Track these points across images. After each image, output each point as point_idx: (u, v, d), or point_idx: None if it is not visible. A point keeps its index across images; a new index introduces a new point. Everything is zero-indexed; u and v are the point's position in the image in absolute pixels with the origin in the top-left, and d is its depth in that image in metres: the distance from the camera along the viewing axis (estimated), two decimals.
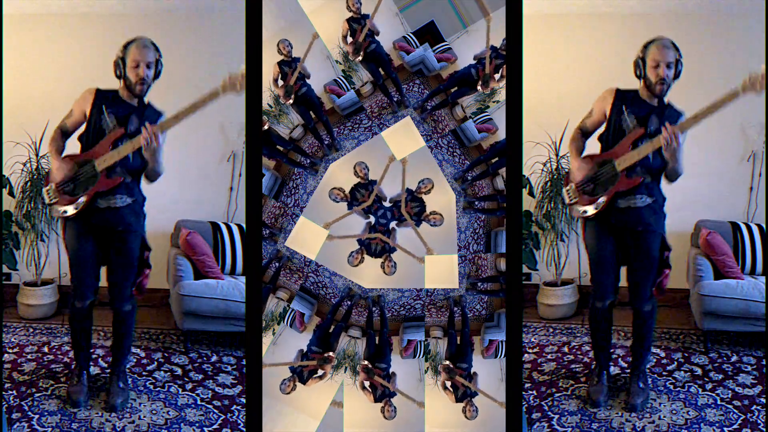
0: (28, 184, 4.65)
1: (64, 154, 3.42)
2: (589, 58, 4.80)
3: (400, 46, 3.13)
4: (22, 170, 4.67)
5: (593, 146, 3.49)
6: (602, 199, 3.36)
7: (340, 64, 3.14)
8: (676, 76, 3.33)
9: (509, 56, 2.96)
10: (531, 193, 4.80)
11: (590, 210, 3.38)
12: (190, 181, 4.80)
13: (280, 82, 3.13)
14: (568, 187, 3.46)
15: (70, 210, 3.35)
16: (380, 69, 3.15)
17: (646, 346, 3.53)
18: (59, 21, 4.83)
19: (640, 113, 3.35)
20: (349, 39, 3.14)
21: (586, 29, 4.85)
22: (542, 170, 4.75)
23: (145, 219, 3.49)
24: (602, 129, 3.46)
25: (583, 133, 3.53)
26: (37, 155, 4.65)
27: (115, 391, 3.46)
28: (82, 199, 3.34)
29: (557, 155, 4.70)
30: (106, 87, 3.41)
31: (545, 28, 4.79)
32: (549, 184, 4.71)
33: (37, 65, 4.79)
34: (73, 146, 3.45)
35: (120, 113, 3.37)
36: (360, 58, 3.14)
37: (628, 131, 3.34)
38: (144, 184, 3.47)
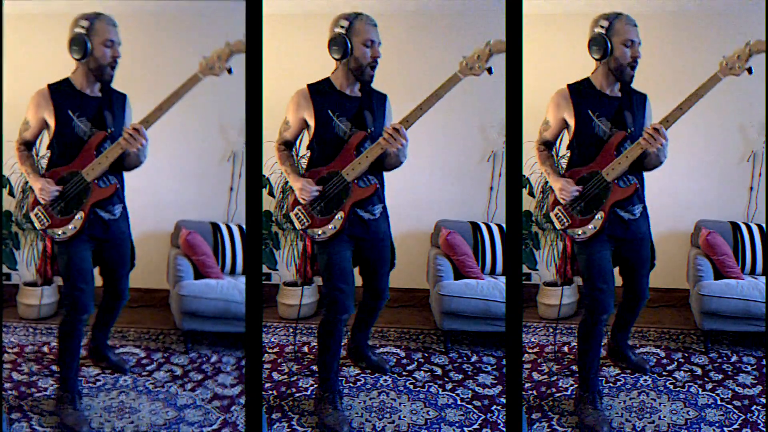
0: (29, 184, 4.64)
1: (43, 171, 3.17)
2: (589, 58, 4.79)
3: None
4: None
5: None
6: (600, 215, 3.14)
7: None
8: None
9: (509, 56, 2.96)
10: (531, 193, 4.80)
11: (589, 231, 3.15)
12: (190, 181, 4.80)
13: None
14: (555, 211, 3.22)
15: (69, 230, 3.11)
16: None
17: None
18: (60, 21, 4.82)
19: (609, 114, 3.08)
20: None
21: (586, 29, 4.84)
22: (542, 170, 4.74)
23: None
24: (568, 137, 3.21)
25: (548, 147, 3.33)
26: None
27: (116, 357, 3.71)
28: (80, 216, 3.12)
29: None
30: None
31: (545, 28, 4.78)
32: (549, 184, 4.70)
33: (37, 65, 4.78)
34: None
35: (89, 112, 3.06)
36: None
37: (605, 137, 3.09)
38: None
